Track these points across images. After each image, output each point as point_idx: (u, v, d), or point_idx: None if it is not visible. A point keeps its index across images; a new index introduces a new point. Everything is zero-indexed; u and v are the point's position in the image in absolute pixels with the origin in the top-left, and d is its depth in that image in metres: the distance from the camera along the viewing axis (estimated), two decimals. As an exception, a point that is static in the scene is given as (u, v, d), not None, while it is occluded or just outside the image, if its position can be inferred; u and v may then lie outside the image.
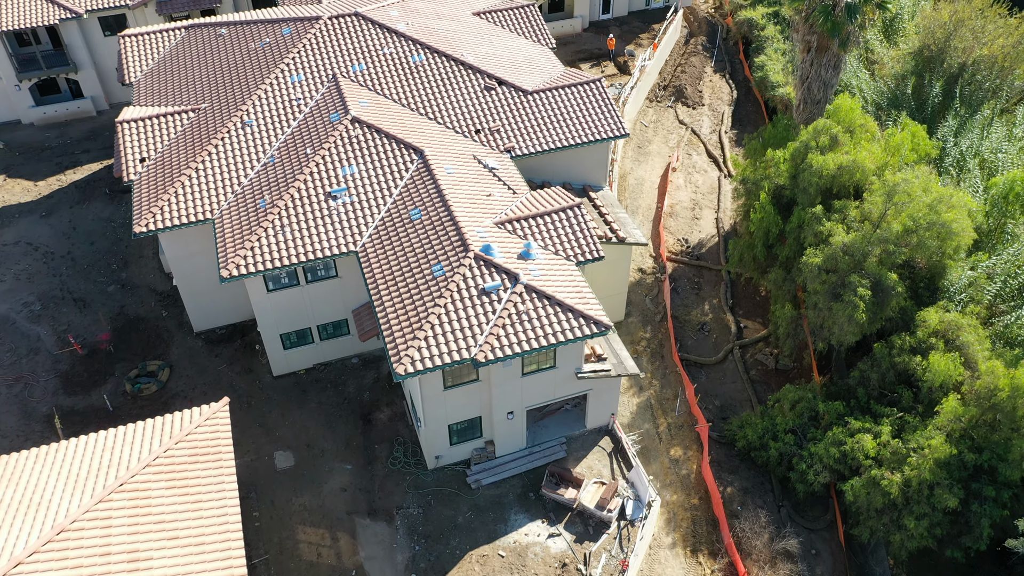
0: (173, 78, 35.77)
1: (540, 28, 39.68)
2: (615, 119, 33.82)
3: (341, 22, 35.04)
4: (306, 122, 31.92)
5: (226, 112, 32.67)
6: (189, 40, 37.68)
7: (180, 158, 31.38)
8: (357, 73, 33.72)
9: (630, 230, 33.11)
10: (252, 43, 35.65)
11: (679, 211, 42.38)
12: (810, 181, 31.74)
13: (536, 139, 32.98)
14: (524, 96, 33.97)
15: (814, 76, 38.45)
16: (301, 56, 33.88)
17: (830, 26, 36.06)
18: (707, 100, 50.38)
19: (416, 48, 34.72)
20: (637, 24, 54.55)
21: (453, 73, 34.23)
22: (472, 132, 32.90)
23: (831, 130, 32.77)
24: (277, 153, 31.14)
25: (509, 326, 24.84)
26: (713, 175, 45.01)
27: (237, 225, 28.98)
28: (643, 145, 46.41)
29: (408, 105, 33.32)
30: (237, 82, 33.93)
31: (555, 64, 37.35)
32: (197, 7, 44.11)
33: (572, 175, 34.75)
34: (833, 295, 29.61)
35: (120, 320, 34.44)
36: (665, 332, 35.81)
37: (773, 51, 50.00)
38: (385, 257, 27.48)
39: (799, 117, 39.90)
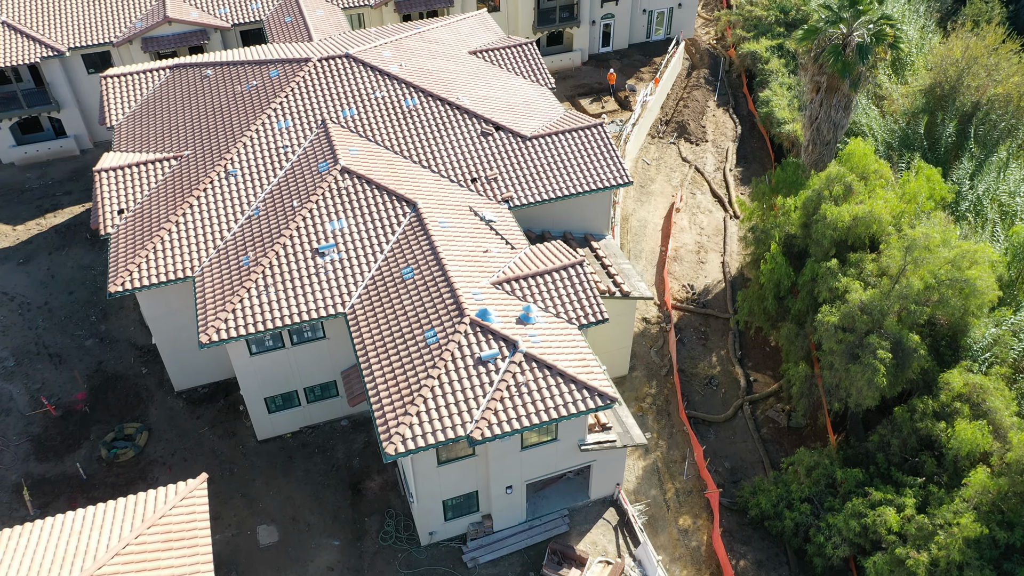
0: (156, 122, 34.23)
1: (539, 67, 38.23)
2: (618, 166, 32.28)
3: (331, 64, 33.54)
4: (293, 172, 30.34)
5: (210, 160, 31.10)
6: (173, 81, 36.18)
7: (160, 210, 29.76)
8: (347, 118, 32.19)
9: (634, 283, 31.47)
10: (239, 85, 34.14)
11: (683, 255, 40.78)
12: (824, 233, 30.16)
13: (535, 188, 31.41)
14: (523, 142, 32.42)
15: (824, 117, 36.98)
16: (289, 100, 32.35)
17: (840, 67, 34.65)
18: (710, 136, 48.95)
19: (410, 91, 33.22)
20: (638, 57, 53.22)
21: (448, 118, 32.71)
22: (468, 181, 31.33)
23: (844, 178, 31.24)
24: (262, 205, 29.53)
25: (507, 399, 23.13)
26: (718, 216, 43.46)
27: (218, 284, 27.30)
28: (645, 184, 44.89)
29: (401, 152, 31.76)
30: (222, 127, 32.38)
31: (555, 106, 35.87)
32: (184, 45, 42.65)
33: (573, 224, 33.16)
34: (850, 355, 27.95)
35: (97, 377, 32.67)
36: (671, 387, 34.09)
37: (778, 86, 48.63)
38: (375, 321, 25.79)
39: (808, 158, 38.41)
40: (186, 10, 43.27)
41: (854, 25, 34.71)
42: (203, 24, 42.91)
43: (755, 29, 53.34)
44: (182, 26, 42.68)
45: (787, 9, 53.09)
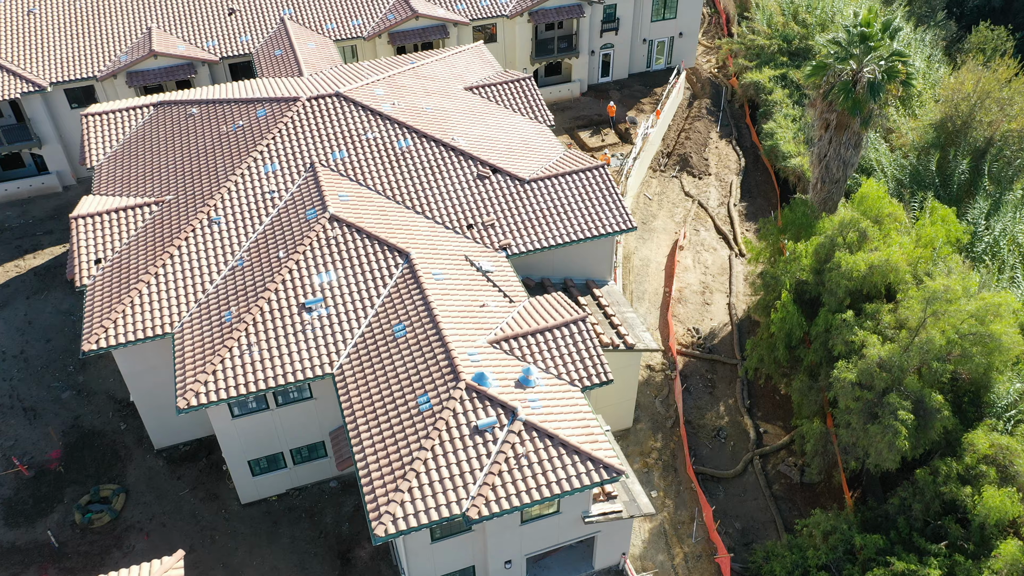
0: (137, 163, 32.75)
1: (537, 103, 36.86)
2: (621, 210, 30.83)
3: (321, 103, 32.14)
4: (280, 219, 28.85)
5: (193, 205, 29.60)
6: (157, 119, 34.74)
7: (139, 260, 28.21)
8: (337, 161, 30.74)
9: (639, 333, 29.95)
10: (224, 125, 32.71)
11: (688, 295, 39.28)
12: (838, 283, 28.69)
13: (534, 235, 29.93)
14: (521, 186, 30.98)
15: (833, 154, 35.59)
16: (277, 142, 30.91)
17: (851, 104, 33.32)
18: (713, 169, 47.60)
19: (402, 132, 31.80)
20: (638, 87, 51.95)
21: (443, 160, 31.27)
22: (464, 227, 29.85)
23: (859, 224, 29.82)
24: (247, 255, 28.00)
25: (506, 473, 21.53)
26: (723, 254, 42.01)
27: (199, 343, 25.72)
28: (647, 220, 43.47)
29: (393, 197, 30.30)
30: (206, 170, 30.91)
31: (554, 145, 34.47)
32: (171, 79, 41.27)
33: (574, 270, 31.67)
34: (869, 414, 26.41)
35: (73, 434, 31.00)
36: (678, 440, 32.48)
37: (782, 117, 47.33)
38: (365, 384, 24.19)
39: (816, 196, 37.00)
40: (172, 43, 41.93)
41: (864, 61, 33.43)
42: (190, 57, 41.55)
43: (757, 58, 52.12)
44: (168, 60, 41.34)
45: (790, 38, 51.92)
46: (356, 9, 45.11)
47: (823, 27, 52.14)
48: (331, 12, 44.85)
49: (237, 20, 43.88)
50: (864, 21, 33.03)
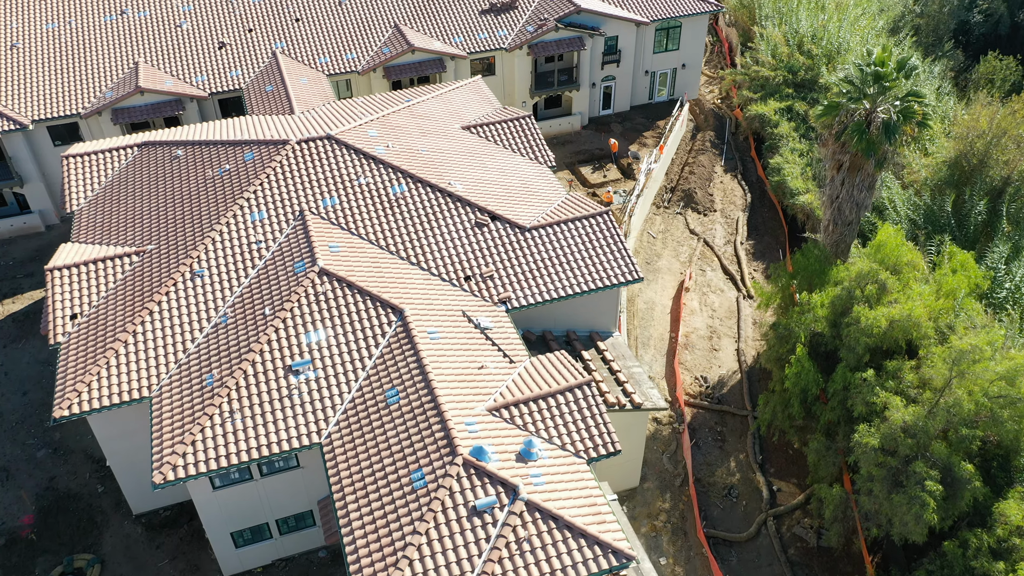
0: (119, 209, 31.24)
1: (537, 142, 35.45)
2: (627, 260, 29.31)
3: (312, 147, 30.68)
4: (267, 272, 27.29)
5: (175, 256, 28.06)
6: (141, 161, 33.27)
7: (117, 316, 26.62)
8: (328, 208, 29.25)
9: (646, 391, 28.34)
10: (210, 169, 31.23)
11: (695, 341, 37.71)
12: (857, 339, 27.14)
13: (535, 287, 28.38)
14: (521, 234, 29.48)
15: (845, 196, 34.15)
16: (264, 188, 29.42)
17: (865, 146, 31.95)
18: (719, 205, 46.19)
19: (397, 177, 30.33)
20: (640, 120, 50.64)
21: (439, 207, 29.79)
22: (461, 279, 28.30)
23: (877, 276, 28.30)
24: (231, 311, 26.42)
25: (507, 559, 19.85)
26: (731, 295, 40.48)
27: (178, 409, 24.07)
28: (652, 260, 41.98)
29: (387, 247, 28.77)
30: (190, 218, 29.40)
31: (555, 188, 33.02)
32: (158, 115, 39.86)
33: (578, 322, 30.11)
34: (893, 482, 24.78)
35: (48, 497, 29.28)
36: (687, 500, 30.79)
37: (789, 152, 46.00)
38: (355, 456, 22.53)
39: (828, 239, 35.52)
40: (160, 78, 40.56)
41: (878, 101, 32.08)
42: (178, 94, 40.17)
43: (762, 90, 50.87)
44: (155, 96, 39.94)
45: (795, 69, 50.69)
46: (350, 43, 43.83)
47: (829, 59, 50.99)
48: (324, 46, 43.56)
49: (227, 54, 42.56)
50: (878, 60, 31.69)
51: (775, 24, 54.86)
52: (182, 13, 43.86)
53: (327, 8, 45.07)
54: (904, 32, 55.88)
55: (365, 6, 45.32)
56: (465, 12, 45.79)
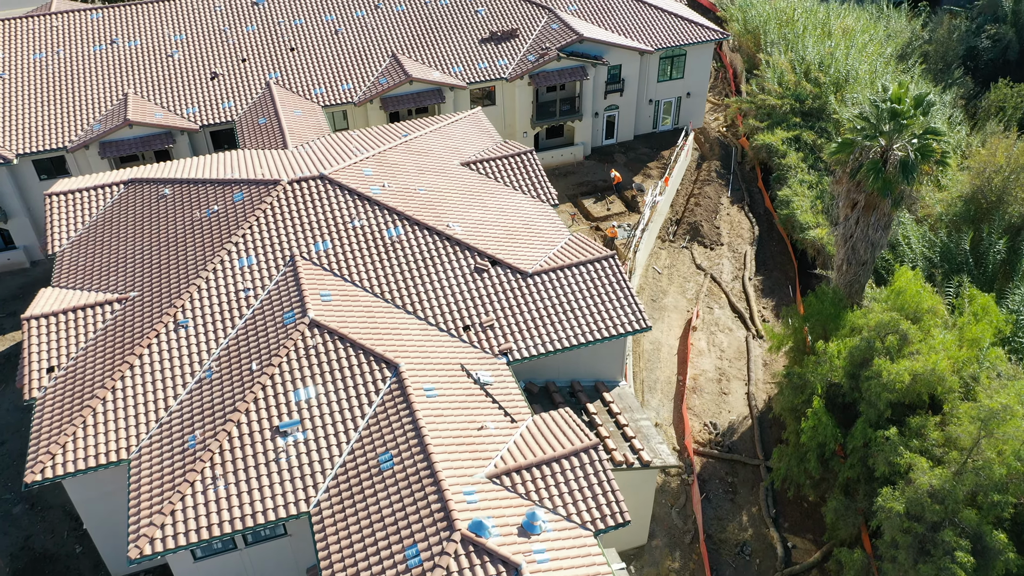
0: (102, 251, 29.88)
1: (539, 179, 34.16)
2: (634, 307, 27.92)
3: (304, 187, 29.36)
4: (255, 322, 25.88)
5: (158, 305, 26.66)
6: (127, 200, 31.95)
7: (96, 370, 25.18)
8: (320, 253, 27.89)
9: (654, 446, 26.87)
10: (198, 210, 29.90)
11: (703, 384, 36.23)
12: (878, 394, 25.69)
13: (538, 338, 26.96)
14: (522, 280, 28.10)
15: (860, 235, 32.78)
16: (254, 232, 28.07)
17: (881, 185, 30.65)
18: (726, 239, 44.84)
19: (393, 219, 28.99)
20: (644, 151, 49.41)
21: (437, 251, 28.43)
22: (460, 329, 26.89)
23: (898, 326, 26.87)
24: (216, 365, 24.99)
25: (508, 648, 18.35)
26: (739, 334, 39.05)
27: (157, 473, 22.58)
28: (657, 297, 40.58)
29: (382, 293, 27.38)
30: (176, 263, 28.03)
31: (558, 228, 31.69)
32: (147, 149, 38.59)
33: (582, 371, 28.69)
34: (919, 550, 23.27)
35: (23, 558, 27.71)
36: (698, 558, 29.23)
37: (798, 184, 44.69)
38: (346, 528, 21.02)
39: (841, 279, 34.14)
40: (149, 111, 39.33)
41: (895, 138, 30.80)
42: (168, 126, 38.91)
43: (768, 118, 49.66)
44: (145, 129, 38.68)
45: (802, 98, 49.51)
46: (346, 72, 42.64)
47: (837, 87, 49.84)
48: (320, 76, 42.38)
49: (220, 85, 41.36)
50: (895, 96, 30.44)
51: (781, 51, 53.76)
52: (174, 43, 42.72)
53: (323, 37, 43.94)
54: (913, 59, 54.75)
55: (362, 35, 44.20)
56: (464, 41, 44.66)
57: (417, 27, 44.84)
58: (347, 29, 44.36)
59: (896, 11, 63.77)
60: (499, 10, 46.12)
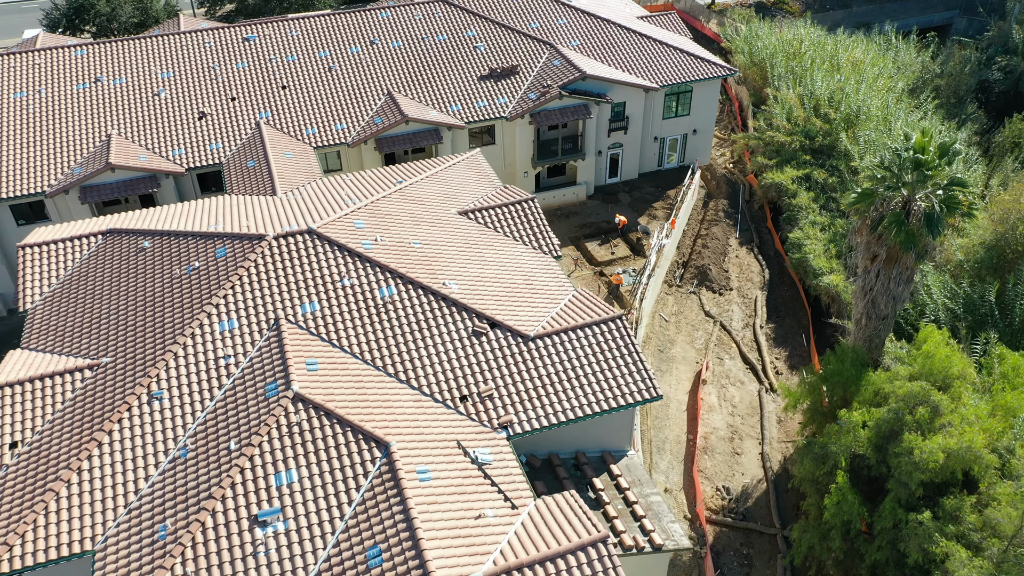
0: (76, 310, 28.02)
1: (541, 229, 32.36)
2: (644, 375, 26.01)
3: (290, 242, 27.56)
4: (234, 394, 23.97)
5: (132, 373, 24.76)
6: (105, 252, 30.15)
7: (62, 447, 23.23)
8: (307, 315, 26.02)
9: (666, 525, 24.87)
10: (178, 267, 28.07)
11: (715, 443, 34.28)
12: (909, 473, 23.74)
13: (540, 409, 25.04)
14: (524, 344, 26.22)
15: (880, 289, 31.00)
16: (236, 292, 26.23)
17: (903, 238, 28.89)
18: (735, 283, 43.03)
19: (385, 277, 27.16)
20: (649, 190, 47.72)
21: (432, 312, 26.57)
22: (456, 399, 24.98)
23: (929, 397, 24.96)
24: (192, 443, 23.04)
25: None
26: (751, 388, 37.13)
27: (124, 568, 20.58)
28: (664, 348, 38.69)
29: (373, 360, 25.48)
30: (152, 326, 26.16)
31: (561, 283, 29.86)
32: (130, 193, 36.87)
33: (588, 441, 26.75)
34: (959, 650, 21.25)
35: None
36: (712, 643, 27.21)
37: (809, 226, 43.00)
38: (328, 637, 19.04)
39: (860, 334, 32.31)
40: (133, 153, 37.64)
41: (917, 188, 29.09)
42: (152, 169, 37.23)
43: (777, 155, 48.09)
44: (128, 172, 36.98)
45: (812, 135, 47.94)
46: (340, 112, 41.03)
47: (848, 123, 48.29)
48: (312, 115, 40.76)
49: (208, 125, 39.71)
50: (918, 145, 28.74)
51: (789, 85, 52.26)
52: (160, 80, 41.14)
53: (315, 74, 42.38)
54: (925, 93, 53.21)
55: (356, 72, 42.63)
56: (463, 78, 43.09)
57: (413, 64, 43.31)
58: (341, 66, 42.80)
59: (905, 42, 62.43)
60: (499, 46, 44.61)
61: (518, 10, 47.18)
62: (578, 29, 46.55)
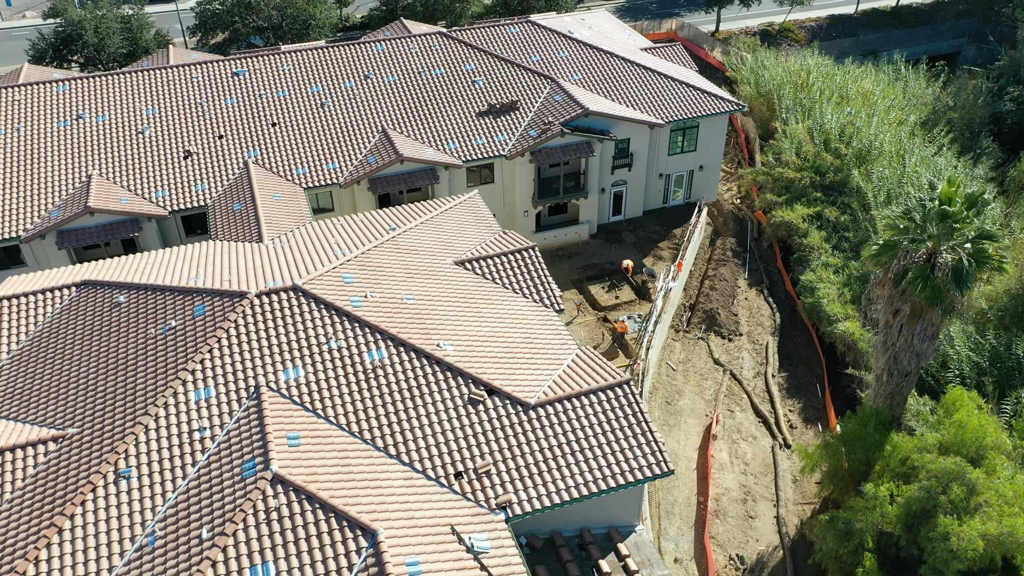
0: (43, 372, 26.10)
1: (542, 280, 30.51)
2: (654, 447, 24.05)
3: (274, 301, 25.70)
4: (209, 472, 22.01)
5: (98, 448, 22.82)
6: (78, 307, 28.29)
7: (18, 533, 21.24)
8: (290, 382, 24.12)
9: (679, 613, 22.85)
10: (153, 326, 26.21)
11: (727, 505, 32.26)
12: (946, 561, 21.78)
13: (542, 485, 23.07)
14: (524, 412, 24.29)
15: (903, 345, 29.20)
16: (214, 356, 24.34)
17: (929, 294, 27.09)
18: (745, 327, 41.15)
19: (375, 338, 25.28)
20: (654, 228, 45.94)
21: (425, 378, 24.66)
22: (450, 476, 23.02)
23: (964, 474, 23.02)
24: (160, 529, 21.06)
25: None
26: (765, 443, 35.16)
27: None
28: (672, 399, 36.75)
29: (360, 432, 23.54)
30: (123, 393, 24.24)
31: (564, 340, 27.99)
32: (111, 238, 35.07)
33: (593, 518, 24.75)
34: None
35: None
36: None
37: (822, 268, 41.22)
38: None
39: (881, 391, 30.48)
40: (114, 195, 35.89)
41: (943, 240, 27.31)
42: (134, 213, 35.45)
43: (787, 192, 46.40)
44: (108, 216, 35.20)
45: (823, 171, 46.27)
46: (332, 150, 39.32)
47: (860, 159, 46.61)
48: (303, 154, 39.06)
49: (193, 164, 37.98)
50: (944, 196, 27.01)
51: (798, 118, 50.65)
52: (145, 117, 39.45)
53: (307, 110, 40.71)
54: (939, 127, 51.54)
55: (349, 108, 40.97)
56: (461, 114, 41.42)
57: (409, 99, 41.66)
58: (334, 102, 41.15)
59: (914, 72, 60.92)
60: (498, 80, 42.99)
61: (518, 43, 45.62)
62: (580, 63, 44.98)
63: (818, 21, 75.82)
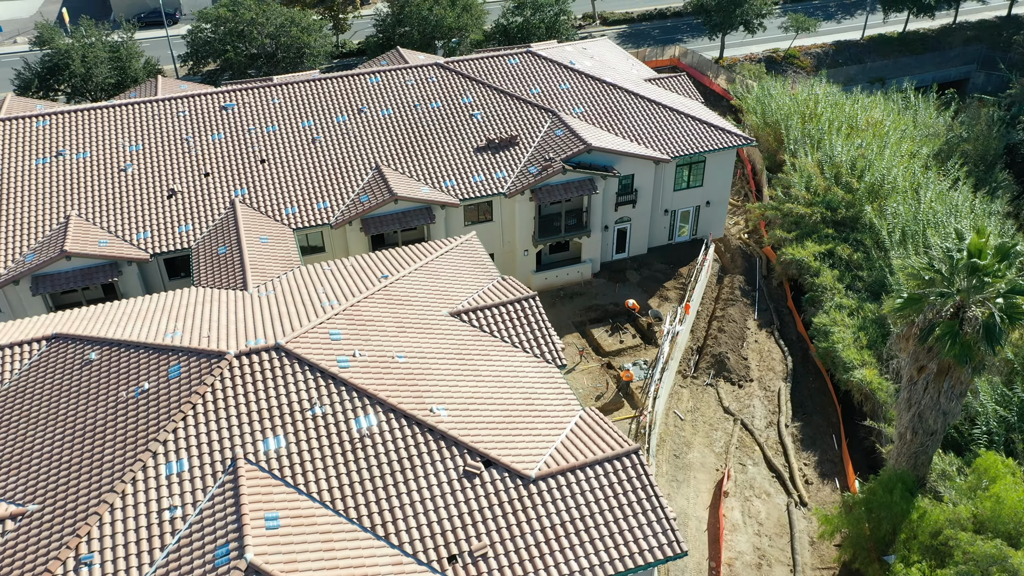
0: (4, 439, 24.22)
1: (543, 332, 28.69)
2: (665, 525, 22.14)
3: (255, 361, 23.86)
4: (179, 559, 20.07)
5: (59, 528, 20.90)
6: (46, 364, 26.46)
7: (-33, 628, 19.36)
8: (270, 454, 22.24)
9: None
10: (125, 388, 24.35)
11: (740, 571, 30.23)
12: (990, 659, 19.84)
13: (543, 568, 21.08)
14: (524, 486, 22.40)
15: (929, 403, 27.37)
16: (188, 424, 22.47)
17: (958, 351, 25.28)
18: (755, 373, 39.26)
19: (363, 404, 23.41)
20: (659, 266, 44.17)
21: (417, 448, 22.77)
22: (443, 560, 21.08)
23: (1006, 559, 21.11)
24: (123, 625, 19.14)
25: None
26: (779, 500, 33.18)
27: None
28: (681, 452, 34.80)
29: (345, 510, 21.62)
30: (89, 465, 22.36)
31: (567, 400, 26.14)
32: (88, 283, 33.30)
33: (598, 599, 22.77)
34: None
35: None
36: None
37: (836, 310, 39.38)
38: None
39: (905, 450, 28.65)
40: (92, 238, 34.16)
41: (972, 295, 25.53)
42: (113, 256, 33.70)
43: (797, 228, 44.68)
44: (86, 260, 33.43)
45: (834, 206, 44.57)
46: (323, 189, 37.64)
47: (873, 194, 44.93)
48: (293, 192, 37.37)
49: (177, 204, 36.29)
50: (973, 248, 25.24)
51: (807, 151, 49.04)
52: (128, 154, 37.79)
53: (298, 146, 39.06)
54: (953, 160, 49.89)
55: (342, 143, 39.32)
56: (458, 150, 39.77)
57: (404, 134, 40.02)
58: (326, 137, 39.49)
59: (923, 100, 59.40)
60: (497, 114, 41.37)
61: (518, 74, 44.07)
62: (582, 95, 43.39)
63: (824, 48, 74.47)
